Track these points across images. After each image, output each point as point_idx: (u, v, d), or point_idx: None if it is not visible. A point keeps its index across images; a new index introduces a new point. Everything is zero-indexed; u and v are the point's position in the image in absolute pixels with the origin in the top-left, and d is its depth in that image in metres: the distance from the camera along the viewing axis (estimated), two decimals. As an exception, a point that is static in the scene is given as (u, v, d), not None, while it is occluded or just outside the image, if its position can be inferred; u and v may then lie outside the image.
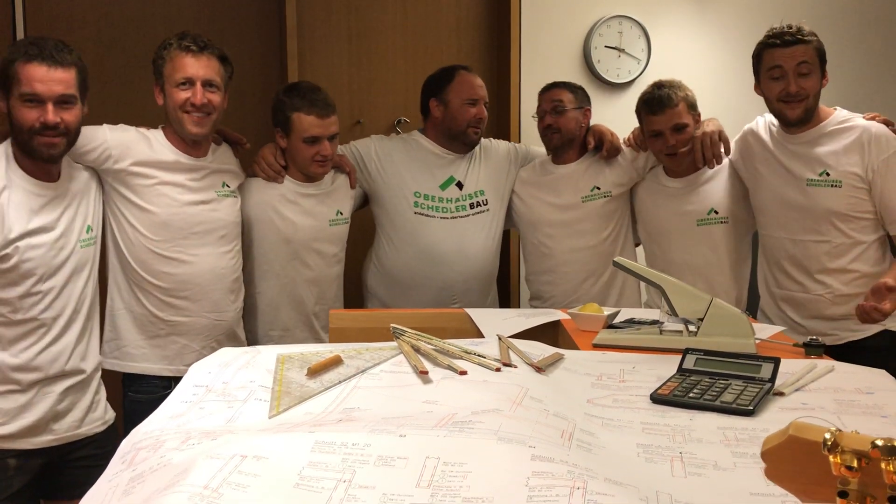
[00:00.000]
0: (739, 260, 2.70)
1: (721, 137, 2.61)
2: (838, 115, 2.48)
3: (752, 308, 2.73)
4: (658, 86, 2.62)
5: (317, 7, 3.31)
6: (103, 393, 2.29)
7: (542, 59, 3.47)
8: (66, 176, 2.17)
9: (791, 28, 2.43)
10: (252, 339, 2.58)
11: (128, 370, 2.38)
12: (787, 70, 2.41)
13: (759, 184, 2.57)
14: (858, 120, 2.45)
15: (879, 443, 0.71)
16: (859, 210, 2.41)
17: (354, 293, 2.92)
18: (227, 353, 1.59)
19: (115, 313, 2.37)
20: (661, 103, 2.58)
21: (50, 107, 2.01)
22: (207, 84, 2.29)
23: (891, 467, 0.70)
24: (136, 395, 2.38)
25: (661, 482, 1.07)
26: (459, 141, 2.80)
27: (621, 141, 2.80)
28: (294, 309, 2.61)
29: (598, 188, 2.76)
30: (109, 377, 2.41)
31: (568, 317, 2.13)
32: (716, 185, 2.67)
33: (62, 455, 2.17)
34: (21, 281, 2.04)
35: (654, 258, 2.76)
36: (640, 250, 2.91)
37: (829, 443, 0.73)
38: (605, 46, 3.53)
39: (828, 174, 2.42)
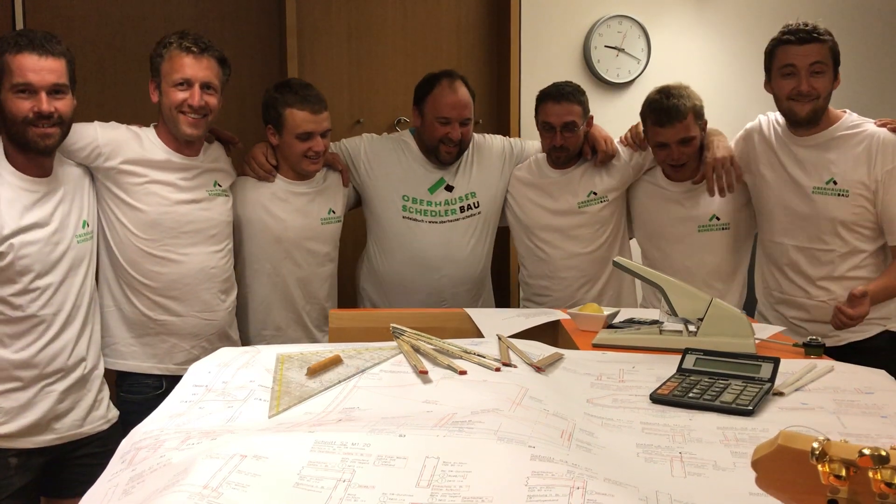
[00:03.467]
0: (739, 264, 2.68)
1: (733, 163, 2.53)
2: (848, 120, 2.42)
3: (750, 310, 2.72)
4: (666, 94, 2.52)
5: (317, 6, 3.31)
6: (106, 391, 2.29)
7: (541, 59, 3.47)
8: (58, 171, 2.15)
9: (807, 26, 2.38)
10: (244, 339, 2.57)
11: (117, 367, 2.37)
12: (800, 68, 2.35)
13: (763, 188, 2.53)
14: (868, 126, 2.40)
15: (866, 451, 0.71)
16: (864, 219, 2.39)
17: (350, 293, 2.91)
18: (226, 353, 1.59)
19: (105, 311, 2.35)
20: (668, 116, 2.49)
21: (43, 96, 2.01)
22: (205, 86, 2.28)
23: (878, 476, 0.70)
24: (128, 395, 2.37)
25: (661, 482, 1.07)
26: (433, 156, 2.74)
27: (616, 140, 2.77)
28: (286, 308, 2.60)
29: (595, 193, 2.73)
30: (108, 377, 2.40)
31: (568, 317, 2.13)
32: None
33: (65, 453, 2.17)
34: (18, 278, 2.03)
35: (653, 262, 2.72)
36: (634, 246, 2.88)
37: (817, 452, 0.73)
38: (605, 46, 3.53)
39: (835, 182, 2.38)
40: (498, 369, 1.48)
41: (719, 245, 2.63)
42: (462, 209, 2.77)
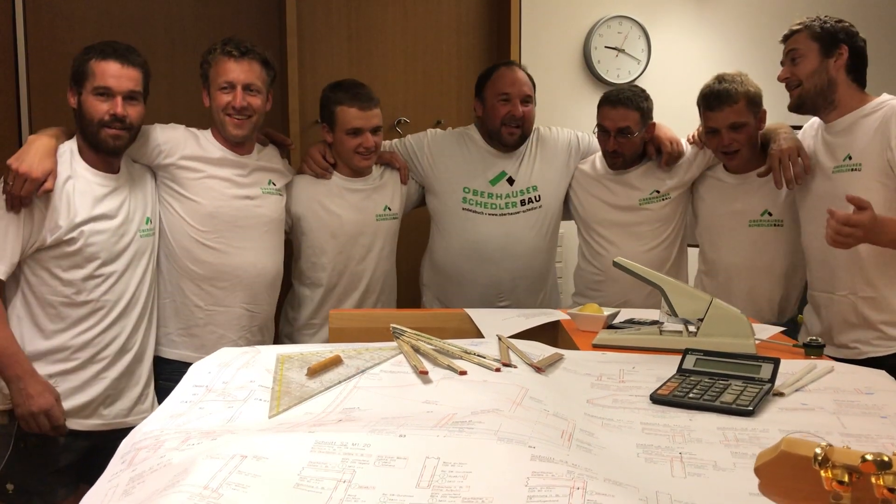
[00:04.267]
0: (792, 266, 2.58)
1: (801, 154, 2.43)
2: (877, 100, 2.34)
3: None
4: (719, 79, 2.50)
5: (317, 6, 3.31)
6: (152, 387, 2.40)
7: (542, 60, 3.47)
8: (126, 170, 2.32)
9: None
10: (295, 327, 2.70)
11: (169, 356, 2.46)
12: (784, 60, 2.40)
13: (803, 181, 2.45)
14: (894, 101, 2.31)
15: (869, 457, 0.71)
16: (878, 197, 2.20)
17: (412, 289, 2.96)
18: (226, 353, 1.59)
19: (161, 302, 2.46)
20: (718, 99, 2.47)
21: (119, 100, 2.19)
22: (247, 88, 2.39)
23: (881, 482, 0.70)
24: (167, 383, 2.42)
25: (661, 482, 1.07)
26: (497, 140, 2.77)
27: (684, 140, 2.72)
28: (340, 302, 2.67)
29: (658, 191, 2.70)
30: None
31: (568, 317, 2.13)
32: (774, 185, 2.51)
33: (107, 442, 2.21)
34: (85, 264, 2.19)
35: (706, 259, 2.68)
36: (692, 253, 2.82)
37: (820, 458, 0.73)
38: (606, 47, 3.53)
39: (850, 157, 2.30)
40: (498, 370, 1.48)
41: (770, 242, 2.56)
42: (523, 202, 2.78)
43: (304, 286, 2.69)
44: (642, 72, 3.54)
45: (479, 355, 1.54)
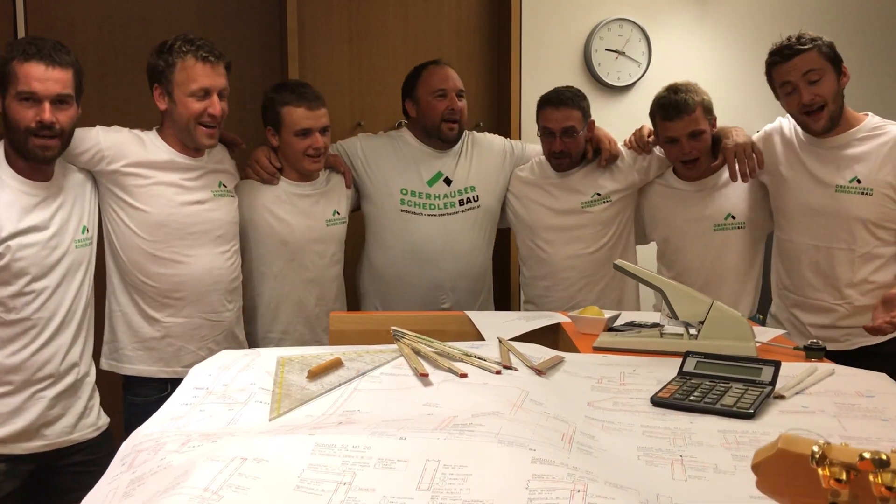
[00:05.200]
0: (755, 264, 2.66)
1: (755, 150, 2.53)
2: (871, 122, 2.42)
3: (763, 310, 2.71)
4: (674, 90, 2.54)
5: (317, 8, 3.31)
6: (97, 398, 2.28)
7: (542, 62, 3.48)
8: (60, 176, 2.16)
9: (790, 40, 2.39)
10: (251, 341, 2.57)
11: (124, 372, 2.37)
12: (796, 83, 2.37)
13: (784, 188, 2.51)
14: (892, 127, 2.40)
15: (867, 455, 0.71)
16: (888, 219, 2.38)
17: (350, 295, 2.91)
18: (227, 356, 1.59)
19: (112, 315, 2.36)
20: (677, 109, 2.50)
21: (47, 105, 2.01)
22: (221, 94, 2.30)
23: (879, 479, 0.70)
24: (134, 398, 2.37)
25: (662, 485, 1.07)
26: (436, 137, 2.75)
27: (620, 144, 2.77)
28: (293, 310, 2.60)
29: (599, 194, 2.73)
30: (109, 381, 2.40)
31: (568, 320, 2.13)
32: (733, 189, 2.61)
33: (53, 460, 2.15)
34: (14, 280, 2.03)
35: (670, 264, 2.72)
36: (643, 251, 2.88)
37: (818, 456, 0.73)
38: (606, 49, 3.53)
39: (858, 181, 2.37)
40: (499, 372, 1.48)
41: (735, 244, 2.62)
42: (461, 202, 2.77)
43: (255, 297, 2.59)
44: (643, 74, 3.55)
45: (479, 358, 1.54)
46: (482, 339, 1.97)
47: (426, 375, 1.44)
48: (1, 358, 2.05)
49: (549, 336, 2.08)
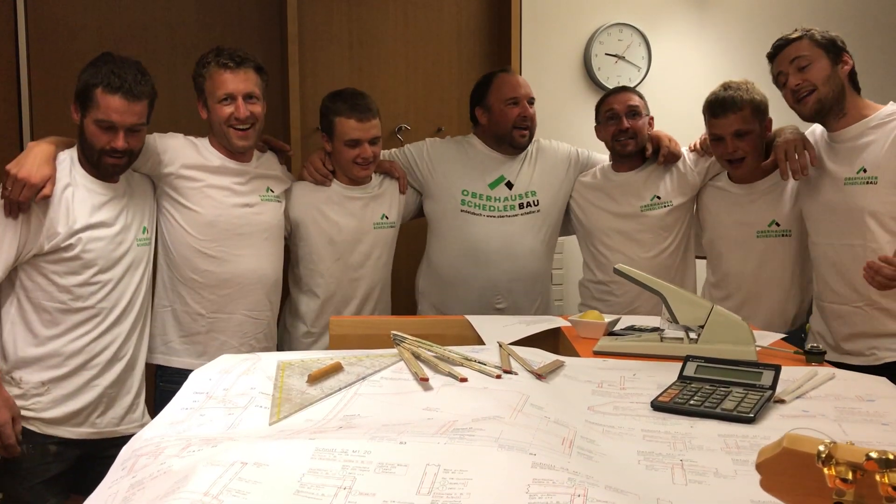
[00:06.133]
0: (800, 275, 2.57)
1: (806, 146, 2.43)
2: (886, 109, 2.34)
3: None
4: (725, 87, 2.52)
5: (318, 13, 3.32)
6: (143, 396, 2.41)
7: (542, 67, 3.48)
8: (125, 180, 2.33)
9: (785, 35, 2.40)
10: (295, 335, 2.70)
11: (171, 364, 2.47)
12: (787, 70, 2.36)
13: (808, 189, 2.45)
14: None
15: (874, 455, 0.70)
16: (894, 210, 2.26)
17: (407, 298, 2.97)
18: (227, 360, 1.59)
19: (159, 311, 2.48)
20: (723, 106, 2.48)
21: (122, 135, 2.18)
22: (247, 97, 2.41)
23: (885, 479, 0.70)
24: (167, 385, 2.44)
25: (662, 490, 1.07)
26: (507, 144, 2.80)
27: (685, 148, 2.75)
28: (338, 309, 2.68)
29: (659, 197, 2.71)
30: (147, 369, 2.47)
31: (568, 324, 2.13)
32: (780, 194, 2.54)
33: (98, 450, 2.25)
34: (82, 270, 2.19)
35: (713, 268, 2.68)
36: (700, 265, 2.83)
37: (824, 455, 0.72)
38: (606, 54, 3.53)
39: (864, 170, 2.30)
40: (499, 376, 1.48)
41: (778, 252, 2.55)
42: (521, 206, 2.81)
43: (303, 293, 2.70)
44: (643, 79, 3.55)
45: (479, 362, 1.54)
46: (482, 343, 1.98)
47: (426, 380, 1.44)
48: (64, 343, 2.20)
49: (550, 340, 2.08)
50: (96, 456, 2.25)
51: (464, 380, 1.45)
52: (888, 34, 3.73)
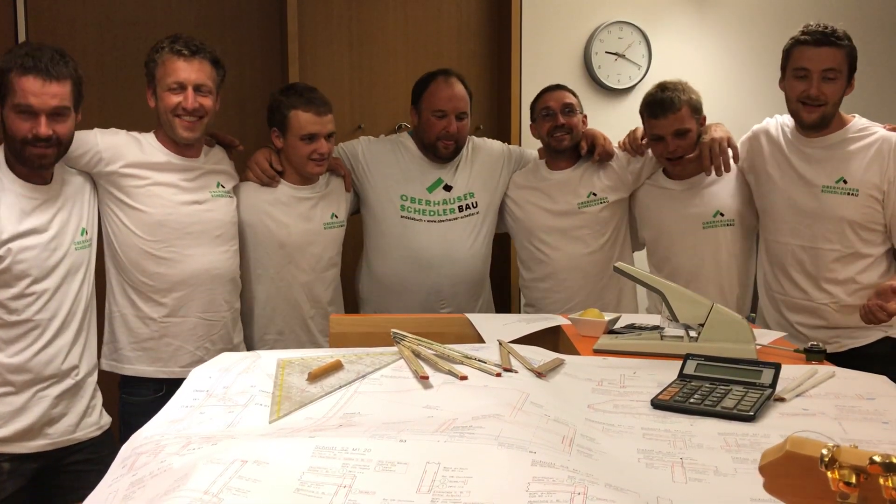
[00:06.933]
0: (745, 262, 2.67)
1: (730, 144, 2.56)
2: (858, 123, 2.44)
3: (756, 310, 2.71)
4: (662, 88, 2.57)
5: (318, 12, 3.31)
6: (99, 398, 2.30)
7: (542, 65, 3.48)
8: (59, 179, 2.18)
9: (826, 28, 2.37)
10: (248, 343, 2.58)
11: (124, 372, 2.39)
12: (813, 72, 2.35)
13: (769, 187, 2.53)
14: (878, 129, 2.42)
15: (877, 459, 0.70)
16: (872, 221, 2.39)
17: (350, 299, 2.91)
18: (227, 358, 1.59)
19: (111, 316, 2.38)
20: (662, 107, 2.53)
21: (43, 119, 2.02)
22: (198, 88, 2.30)
23: (889, 483, 0.70)
24: (130, 398, 2.39)
25: (662, 488, 1.07)
26: (431, 152, 2.77)
27: (615, 145, 2.78)
28: (289, 312, 2.61)
29: (595, 194, 2.74)
30: (109, 381, 2.41)
31: (569, 322, 2.13)
32: (721, 186, 2.62)
33: (56, 460, 2.17)
34: (15, 282, 2.05)
35: (660, 264, 2.72)
36: (639, 255, 2.89)
37: (827, 459, 0.72)
38: (606, 52, 3.53)
39: (845, 181, 2.38)
40: (499, 374, 1.48)
41: (725, 242, 2.62)
42: (461, 208, 2.78)
43: (252, 298, 2.59)
44: (643, 77, 3.54)
45: (479, 360, 1.54)
46: (482, 341, 1.98)
47: (426, 378, 1.44)
48: (4, 358, 2.06)
49: (550, 338, 2.08)
50: (56, 465, 2.16)
51: (464, 378, 1.45)
52: (888, 34, 3.72)
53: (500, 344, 1.70)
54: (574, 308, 2.59)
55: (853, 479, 0.71)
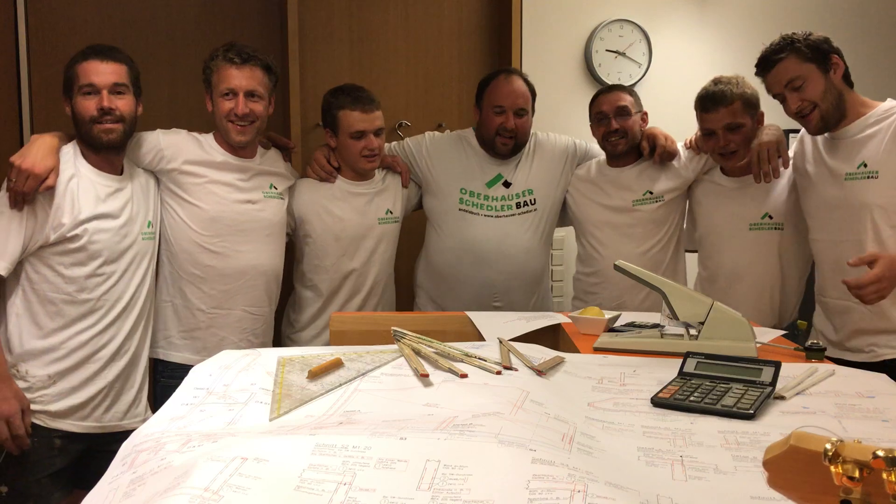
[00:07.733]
0: (793, 268, 2.58)
1: (779, 150, 2.47)
2: (883, 106, 2.34)
3: (807, 317, 2.56)
4: (715, 82, 2.52)
5: (318, 10, 3.31)
6: (146, 391, 2.42)
7: (543, 63, 3.48)
8: (128, 173, 2.36)
9: (770, 47, 2.37)
10: (297, 330, 2.73)
11: (170, 359, 2.50)
12: (782, 91, 2.34)
13: (807, 185, 2.45)
14: None
15: (881, 453, 0.70)
16: (894, 203, 2.25)
17: (407, 291, 2.98)
18: (227, 356, 1.59)
19: (160, 305, 2.50)
20: (713, 100, 2.48)
21: (105, 93, 2.22)
22: (249, 94, 2.43)
23: (892, 478, 0.70)
24: (167, 381, 2.46)
25: (662, 486, 1.07)
26: (490, 148, 2.80)
27: (681, 144, 2.74)
28: (342, 305, 2.70)
29: (651, 192, 2.72)
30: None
31: (569, 320, 2.13)
32: (773, 187, 2.55)
33: (101, 444, 2.27)
34: (88, 261, 2.22)
35: (704, 260, 2.68)
36: (690, 260, 2.83)
37: (830, 453, 0.72)
38: (606, 50, 3.53)
39: (865, 165, 2.29)
40: (499, 372, 1.48)
41: (771, 246, 2.55)
42: (518, 205, 2.81)
43: (307, 289, 2.72)
44: (643, 75, 3.55)
45: (480, 358, 1.54)
46: (482, 339, 1.98)
47: (426, 376, 1.44)
48: (68, 335, 2.22)
49: (550, 336, 2.09)
50: (99, 450, 2.26)
51: (464, 376, 1.45)
52: (888, 34, 3.72)
53: (501, 342, 1.70)
54: (621, 307, 2.56)
55: (857, 474, 0.71)
